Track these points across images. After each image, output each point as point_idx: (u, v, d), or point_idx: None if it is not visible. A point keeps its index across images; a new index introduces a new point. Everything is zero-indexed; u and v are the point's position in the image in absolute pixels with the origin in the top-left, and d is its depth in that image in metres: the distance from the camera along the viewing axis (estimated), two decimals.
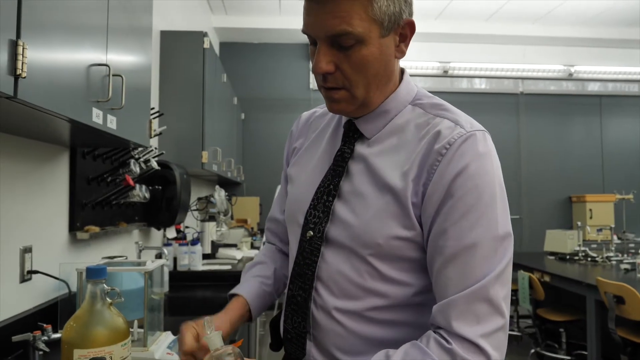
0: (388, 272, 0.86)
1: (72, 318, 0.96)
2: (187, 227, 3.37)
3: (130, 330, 1.20)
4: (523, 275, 3.62)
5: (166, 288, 2.49)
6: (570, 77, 5.76)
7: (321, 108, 1.09)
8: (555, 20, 5.24)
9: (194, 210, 3.23)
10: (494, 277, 0.76)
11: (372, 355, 0.79)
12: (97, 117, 1.21)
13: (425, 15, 5.15)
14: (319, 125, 1.05)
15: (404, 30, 0.86)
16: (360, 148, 0.92)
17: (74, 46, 1.09)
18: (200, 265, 2.85)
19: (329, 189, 0.91)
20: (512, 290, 4.09)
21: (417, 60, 5.55)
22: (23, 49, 0.84)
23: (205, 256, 3.13)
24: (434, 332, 0.78)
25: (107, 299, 0.99)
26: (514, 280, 4.01)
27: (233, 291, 1.07)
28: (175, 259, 2.81)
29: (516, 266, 3.84)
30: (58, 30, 1.01)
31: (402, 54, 0.88)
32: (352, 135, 0.93)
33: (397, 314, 0.87)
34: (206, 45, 2.96)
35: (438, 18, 5.23)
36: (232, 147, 4.44)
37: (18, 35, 0.84)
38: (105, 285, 0.98)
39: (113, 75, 1.27)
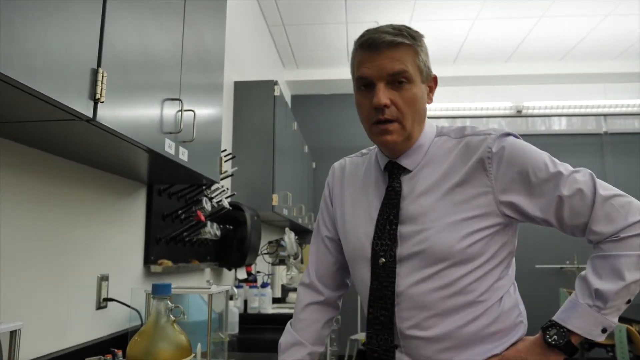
0: (454, 267, 1.00)
1: (137, 333, 0.99)
2: (258, 271, 3.41)
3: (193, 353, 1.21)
4: (619, 327, 3.25)
5: (236, 329, 2.50)
6: None
7: (349, 157, 1.26)
8: (637, 55, 4.98)
9: (265, 253, 3.27)
10: (597, 184, 0.96)
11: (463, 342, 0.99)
12: (169, 147, 1.29)
13: (493, 58, 5.10)
14: (356, 176, 1.20)
15: (431, 83, 1.10)
16: (406, 179, 1.08)
17: (149, 83, 1.19)
18: (270, 309, 2.84)
19: (390, 219, 1.06)
20: (609, 345, 3.69)
21: (489, 101, 5.45)
22: (103, 76, 0.92)
23: (275, 300, 3.13)
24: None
25: (171, 316, 1.00)
26: (610, 335, 3.62)
27: None
28: (245, 302, 2.83)
29: None
30: (135, 67, 1.10)
31: (430, 100, 1.11)
32: (395, 172, 1.10)
33: (474, 282, 1.01)
34: (276, 93, 3.09)
35: (508, 61, 5.15)
36: (304, 195, 4.51)
37: (99, 64, 0.93)
38: (169, 302, 1.01)
39: (185, 110, 1.35)
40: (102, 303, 1.49)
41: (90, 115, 0.90)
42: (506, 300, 1.04)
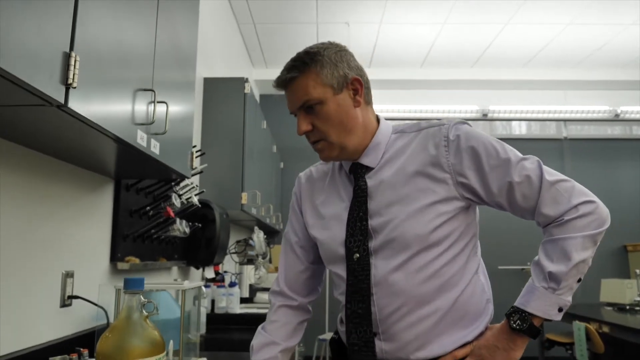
0: (424, 252, 1.05)
1: (108, 329, 0.95)
2: (225, 271, 3.36)
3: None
4: (579, 325, 3.37)
5: (203, 330, 2.45)
6: (616, 118, 5.60)
7: (314, 166, 1.31)
8: (596, 64, 5.19)
9: (233, 253, 3.22)
10: (544, 171, 1.03)
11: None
12: (141, 139, 1.25)
13: (460, 62, 5.21)
14: (323, 182, 1.25)
15: (354, 86, 1.12)
16: (370, 177, 1.13)
17: (122, 71, 1.15)
18: (237, 308, 2.81)
19: (360, 215, 1.10)
20: (568, 344, 3.81)
21: (455, 104, 5.56)
22: (75, 60, 0.89)
23: (243, 300, 3.09)
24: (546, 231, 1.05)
25: (144, 311, 0.97)
26: (568, 333, 3.74)
27: None
28: (213, 302, 2.78)
29: (571, 316, 3.60)
30: (108, 52, 1.06)
31: (359, 103, 1.13)
32: (359, 171, 1.15)
33: (445, 266, 1.06)
34: (247, 90, 3.06)
35: (474, 65, 5.27)
36: (272, 195, 4.48)
37: (71, 48, 0.89)
38: (142, 297, 0.97)
39: (158, 102, 1.32)
40: (67, 301, 1.43)
41: (62, 100, 0.86)
42: (475, 282, 1.11)
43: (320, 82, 1.08)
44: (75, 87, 0.89)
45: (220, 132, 3.03)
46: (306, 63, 1.10)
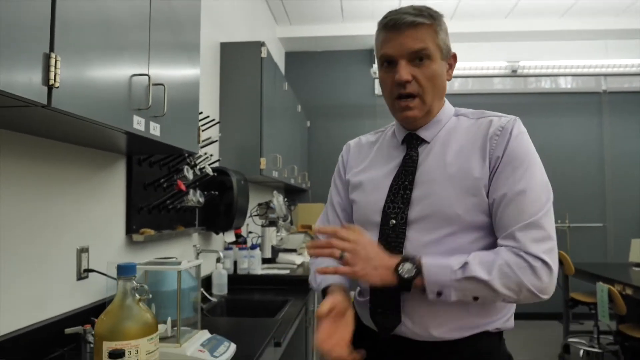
0: (463, 233, 1.06)
1: (104, 312, 1.02)
2: (250, 232, 3.46)
3: (165, 326, 1.26)
4: (602, 287, 3.33)
5: (225, 291, 2.57)
6: None
7: (364, 135, 1.36)
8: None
9: (255, 215, 3.31)
10: (544, 213, 1.01)
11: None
12: (138, 124, 1.28)
13: (494, 13, 4.96)
14: (370, 149, 1.30)
15: (451, 61, 1.17)
16: (423, 150, 1.16)
17: (111, 59, 1.16)
18: (259, 269, 2.91)
19: (404, 184, 1.13)
20: (592, 303, 3.79)
21: (487, 58, 5.36)
22: (56, 61, 0.91)
23: (265, 260, 3.19)
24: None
25: (137, 295, 1.04)
26: (592, 293, 3.71)
27: (325, 285, 1.21)
28: (235, 263, 2.89)
29: (595, 277, 3.55)
30: (94, 45, 1.07)
31: (450, 77, 1.18)
32: (414, 142, 1.18)
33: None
34: (263, 54, 3.04)
35: (508, 16, 5.01)
36: (297, 154, 4.51)
37: (51, 49, 0.91)
38: (134, 282, 1.04)
39: (153, 84, 1.33)
40: (83, 274, 1.53)
41: (45, 102, 0.89)
42: None
43: (436, 41, 1.11)
44: (57, 87, 0.92)
45: (238, 98, 3.04)
46: (432, 16, 1.11)
